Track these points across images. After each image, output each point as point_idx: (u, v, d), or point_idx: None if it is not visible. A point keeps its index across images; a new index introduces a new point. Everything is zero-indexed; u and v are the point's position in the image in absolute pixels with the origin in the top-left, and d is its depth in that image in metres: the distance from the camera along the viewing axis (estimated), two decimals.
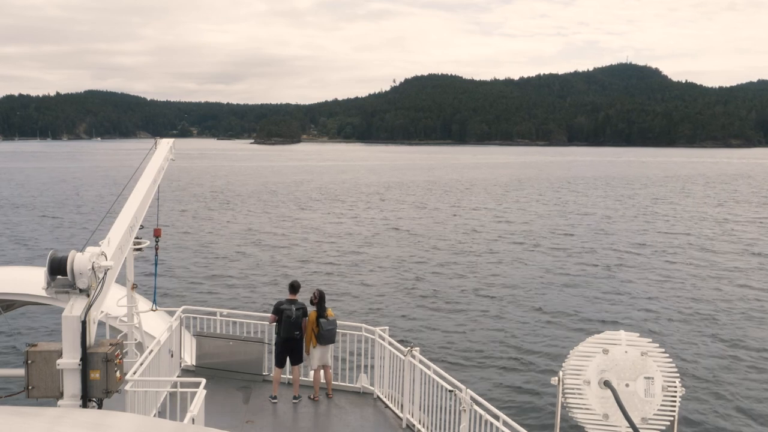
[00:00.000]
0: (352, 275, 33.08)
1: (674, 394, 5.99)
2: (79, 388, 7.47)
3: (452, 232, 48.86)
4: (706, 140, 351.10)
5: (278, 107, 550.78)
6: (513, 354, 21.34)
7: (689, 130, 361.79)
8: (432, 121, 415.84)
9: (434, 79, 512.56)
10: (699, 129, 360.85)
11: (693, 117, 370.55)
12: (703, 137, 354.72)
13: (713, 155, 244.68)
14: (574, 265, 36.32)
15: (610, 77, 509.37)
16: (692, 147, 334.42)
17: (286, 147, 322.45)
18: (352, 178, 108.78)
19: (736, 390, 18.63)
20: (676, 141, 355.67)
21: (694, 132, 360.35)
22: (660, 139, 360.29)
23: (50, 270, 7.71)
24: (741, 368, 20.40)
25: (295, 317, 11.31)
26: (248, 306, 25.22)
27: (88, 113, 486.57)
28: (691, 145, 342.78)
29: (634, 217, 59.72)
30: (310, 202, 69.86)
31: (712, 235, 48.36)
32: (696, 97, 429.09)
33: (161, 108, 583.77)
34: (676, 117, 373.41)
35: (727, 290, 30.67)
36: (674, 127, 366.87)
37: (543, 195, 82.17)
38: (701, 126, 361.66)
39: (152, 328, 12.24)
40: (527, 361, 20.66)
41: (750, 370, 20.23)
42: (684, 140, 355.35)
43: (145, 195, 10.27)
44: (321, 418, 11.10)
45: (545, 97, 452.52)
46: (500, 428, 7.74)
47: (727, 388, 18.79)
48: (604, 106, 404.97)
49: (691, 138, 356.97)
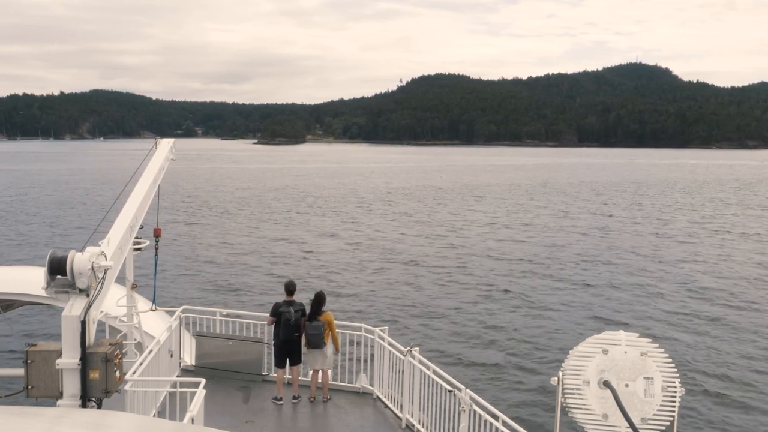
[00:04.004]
0: (352, 275, 33.08)
1: (674, 394, 5.98)
2: (78, 387, 7.47)
3: (452, 232, 48.84)
4: (722, 141, 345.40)
5: (284, 107, 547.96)
6: (513, 354, 21.32)
7: (704, 130, 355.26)
8: (439, 121, 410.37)
9: (441, 78, 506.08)
10: (714, 130, 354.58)
11: (707, 117, 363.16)
12: (719, 138, 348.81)
13: (737, 157, 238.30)
14: (574, 265, 36.28)
15: (619, 77, 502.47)
16: (708, 148, 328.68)
17: (289, 147, 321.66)
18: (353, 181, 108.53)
19: (736, 390, 18.60)
20: (691, 142, 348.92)
21: (708, 133, 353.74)
22: (673, 140, 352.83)
23: (50, 270, 7.71)
24: (741, 368, 20.36)
25: (294, 319, 11.29)
26: (248, 306, 25.22)
27: (92, 113, 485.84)
28: (707, 147, 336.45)
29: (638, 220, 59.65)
30: (310, 204, 69.85)
31: (712, 235, 48.31)
32: (708, 97, 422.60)
33: (166, 108, 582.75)
34: (690, 117, 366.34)
35: (727, 290, 30.62)
36: (688, 128, 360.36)
37: (548, 197, 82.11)
38: (716, 126, 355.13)
39: (152, 328, 12.24)
40: (527, 361, 20.64)
41: (750, 371, 20.19)
42: (698, 141, 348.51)
43: (145, 195, 10.28)
44: (320, 418, 11.10)
45: (554, 97, 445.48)
46: (500, 428, 7.72)
47: (727, 388, 18.76)
48: (615, 106, 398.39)
49: (705, 139, 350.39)
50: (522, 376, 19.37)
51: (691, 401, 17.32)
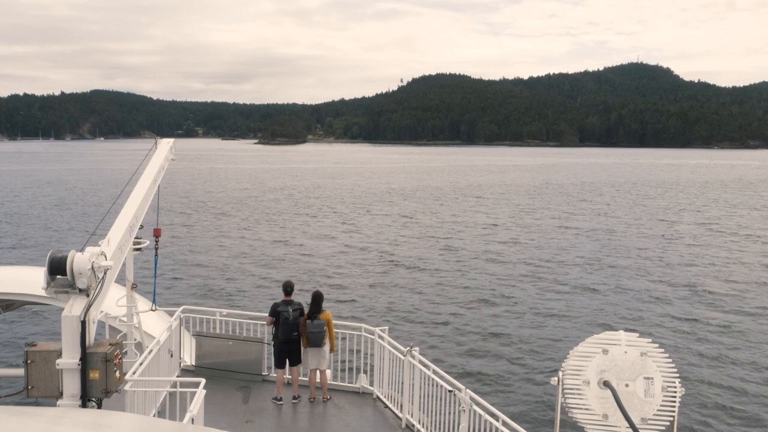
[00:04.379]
0: (352, 275, 33.06)
1: (674, 394, 5.98)
2: (78, 387, 7.47)
3: (452, 233, 48.82)
4: (723, 141, 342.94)
5: (285, 107, 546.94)
6: (513, 354, 21.31)
7: (705, 130, 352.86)
8: (440, 121, 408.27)
9: (442, 78, 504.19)
10: (716, 129, 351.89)
11: (709, 117, 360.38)
12: (720, 138, 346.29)
13: (739, 157, 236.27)
14: (574, 265, 36.26)
15: (620, 77, 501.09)
16: (709, 148, 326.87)
17: (289, 148, 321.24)
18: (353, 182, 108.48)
19: (736, 390, 18.58)
20: (692, 142, 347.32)
21: (710, 133, 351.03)
22: (675, 140, 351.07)
23: (50, 270, 7.71)
24: (741, 368, 20.34)
25: (292, 319, 11.29)
26: (248, 306, 25.23)
27: (93, 113, 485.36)
28: (708, 146, 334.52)
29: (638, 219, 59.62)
30: (310, 205, 69.84)
31: (712, 236, 48.27)
32: (710, 97, 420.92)
33: (167, 108, 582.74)
34: (692, 117, 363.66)
35: (727, 290, 30.60)
36: (689, 128, 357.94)
37: (549, 198, 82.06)
38: (718, 126, 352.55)
39: (152, 328, 12.25)
40: (527, 361, 20.64)
41: (750, 371, 20.18)
42: (700, 141, 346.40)
43: (145, 195, 10.27)
44: (320, 418, 11.10)
45: (555, 97, 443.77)
46: (500, 428, 7.71)
47: (727, 388, 18.74)
48: (617, 106, 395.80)
49: (707, 139, 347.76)
50: (522, 376, 19.36)
51: (691, 401, 17.31)
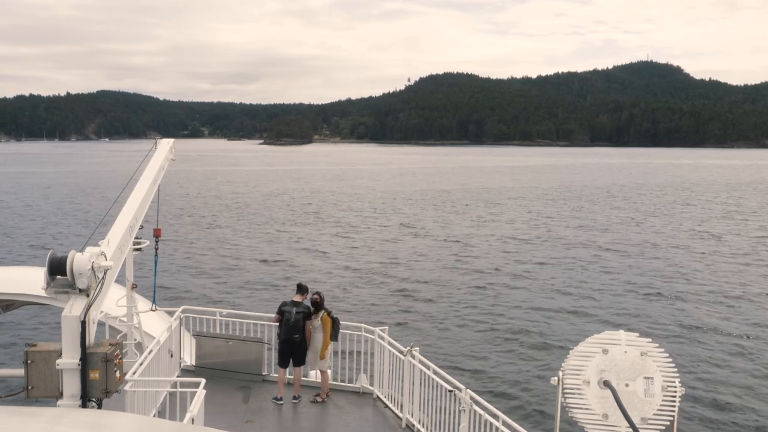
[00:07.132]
0: (352, 276, 33.06)
1: (674, 394, 5.96)
2: (78, 388, 7.48)
3: (452, 233, 48.78)
4: (738, 140, 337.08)
5: (291, 107, 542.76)
6: (513, 354, 21.29)
7: (719, 129, 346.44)
8: (448, 120, 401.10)
9: (450, 77, 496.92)
10: (730, 128, 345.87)
11: (722, 116, 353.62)
12: (735, 137, 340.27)
13: (758, 156, 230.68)
14: (574, 265, 36.18)
15: (630, 75, 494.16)
16: (723, 147, 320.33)
17: (295, 148, 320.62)
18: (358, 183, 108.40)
19: (735, 390, 18.53)
20: (705, 141, 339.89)
21: (724, 131, 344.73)
22: (688, 139, 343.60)
23: (50, 270, 7.72)
24: (741, 368, 20.29)
25: (293, 320, 11.25)
26: (248, 306, 25.22)
27: (98, 113, 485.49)
28: (722, 146, 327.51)
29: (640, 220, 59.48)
30: (310, 205, 69.88)
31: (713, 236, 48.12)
32: (722, 95, 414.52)
33: (173, 108, 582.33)
34: (705, 116, 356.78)
35: (727, 290, 30.51)
36: (702, 127, 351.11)
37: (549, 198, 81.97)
38: (732, 125, 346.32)
39: (152, 328, 12.25)
40: (527, 361, 20.62)
41: (750, 370, 20.12)
42: (714, 140, 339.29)
43: (145, 195, 10.28)
44: (320, 418, 11.09)
45: (564, 96, 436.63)
46: (500, 428, 7.69)
47: (727, 388, 18.69)
48: (628, 105, 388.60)
49: (721, 138, 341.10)
50: (522, 376, 19.33)
51: (691, 401, 17.24)
